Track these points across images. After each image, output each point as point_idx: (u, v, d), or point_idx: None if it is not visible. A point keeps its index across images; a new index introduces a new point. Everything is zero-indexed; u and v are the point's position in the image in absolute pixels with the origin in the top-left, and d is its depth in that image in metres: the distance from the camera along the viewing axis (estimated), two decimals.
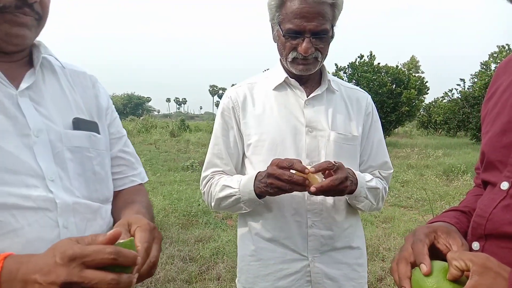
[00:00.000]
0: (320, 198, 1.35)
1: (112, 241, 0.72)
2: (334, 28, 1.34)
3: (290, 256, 1.38)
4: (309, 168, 1.17)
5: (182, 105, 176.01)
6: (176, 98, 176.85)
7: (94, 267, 0.68)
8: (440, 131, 25.36)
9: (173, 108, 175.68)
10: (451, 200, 6.56)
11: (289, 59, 1.34)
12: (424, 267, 0.72)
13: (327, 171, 1.21)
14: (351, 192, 1.29)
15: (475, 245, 0.82)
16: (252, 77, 1.53)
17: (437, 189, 7.37)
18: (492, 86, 0.93)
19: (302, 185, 1.18)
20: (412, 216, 5.72)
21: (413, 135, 24.61)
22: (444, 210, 1.01)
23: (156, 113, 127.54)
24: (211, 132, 1.51)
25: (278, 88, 1.44)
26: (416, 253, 0.76)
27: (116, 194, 1.09)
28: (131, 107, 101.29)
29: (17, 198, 0.83)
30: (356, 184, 1.28)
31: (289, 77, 1.41)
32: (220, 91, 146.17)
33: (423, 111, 26.96)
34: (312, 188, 1.16)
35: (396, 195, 6.96)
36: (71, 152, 0.94)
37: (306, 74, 1.38)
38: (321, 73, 1.46)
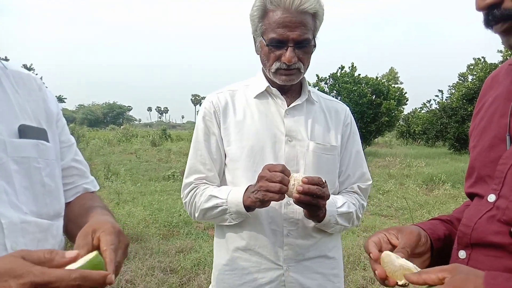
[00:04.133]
0: (297, 207, 1.35)
1: (72, 262, 0.67)
2: (315, 39, 1.36)
3: (265, 265, 1.38)
4: (300, 178, 1.19)
5: (164, 114, 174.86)
6: (158, 107, 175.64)
7: None
8: (419, 141, 25.86)
9: (154, 117, 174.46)
10: (431, 209, 6.67)
11: (273, 70, 1.35)
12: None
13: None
14: (320, 220, 1.32)
15: (462, 253, 0.84)
16: (232, 84, 1.53)
17: (417, 198, 7.49)
18: (479, 102, 0.97)
19: (284, 188, 1.19)
20: (393, 225, 5.76)
21: (393, 145, 25.00)
22: (424, 219, 1.04)
23: (137, 122, 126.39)
24: None
25: (259, 96, 1.44)
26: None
27: (68, 205, 1.00)
28: (112, 116, 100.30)
29: None
30: (325, 214, 1.31)
31: (270, 86, 1.42)
32: (203, 101, 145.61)
33: (402, 122, 27.47)
34: (304, 179, 1.18)
35: (377, 204, 7.03)
36: (17, 163, 0.85)
37: (289, 85, 1.39)
38: (301, 84, 1.47)
